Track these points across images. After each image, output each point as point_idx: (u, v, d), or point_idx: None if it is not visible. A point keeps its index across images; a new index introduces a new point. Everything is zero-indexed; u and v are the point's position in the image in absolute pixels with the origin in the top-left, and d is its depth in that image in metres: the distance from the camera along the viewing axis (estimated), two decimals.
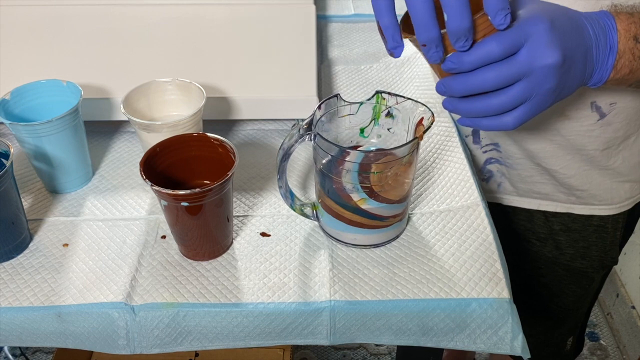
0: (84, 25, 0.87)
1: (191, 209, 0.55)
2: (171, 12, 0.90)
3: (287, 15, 0.90)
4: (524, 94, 0.47)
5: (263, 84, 0.76)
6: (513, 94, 0.47)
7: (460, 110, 0.50)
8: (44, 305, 0.56)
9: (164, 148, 0.58)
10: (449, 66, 0.48)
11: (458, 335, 0.57)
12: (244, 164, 0.72)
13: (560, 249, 0.81)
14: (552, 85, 0.47)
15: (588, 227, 0.78)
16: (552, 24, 0.46)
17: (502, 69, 0.46)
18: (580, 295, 0.88)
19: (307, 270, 0.59)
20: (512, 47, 0.46)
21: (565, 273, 0.83)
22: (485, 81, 0.46)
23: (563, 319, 0.92)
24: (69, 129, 0.64)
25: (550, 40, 0.46)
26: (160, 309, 0.56)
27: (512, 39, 0.45)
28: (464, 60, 0.46)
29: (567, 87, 0.49)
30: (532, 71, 0.46)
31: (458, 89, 0.48)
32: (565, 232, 0.79)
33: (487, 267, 0.59)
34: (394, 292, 0.57)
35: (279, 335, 0.57)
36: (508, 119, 0.49)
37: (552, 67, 0.46)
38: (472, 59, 0.46)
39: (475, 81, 0.47)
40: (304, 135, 0.56)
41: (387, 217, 0.59)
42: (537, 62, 0.46)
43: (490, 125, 0.50)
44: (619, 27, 0.50)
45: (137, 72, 0.76)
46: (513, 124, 0.49)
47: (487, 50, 0.45)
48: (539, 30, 0.46)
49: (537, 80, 0.46)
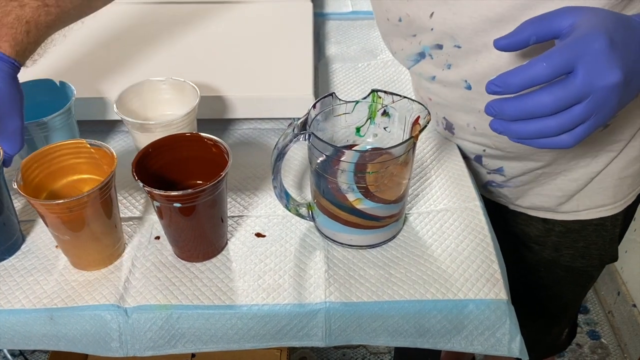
0: (77, 23, 0.86)
1: (184, 210, 0.54)
2: (165, 10, 0.90)
3: (283, 12, 0.90)
4: (585, 116, 0.44)
5: (259, 83, 0.76)
6: (573, 116, 0.44)
7: (513, 132, 0.46)
8: (36, 307, 0.55)
9: (156, 148, 0.58)
10: (493, 90, 0.45)
11: (455, 337, 0.57)
12: (239, 163, 0.72)
13: (559, 250, 0.80)
14: (614, 104, 0.44)
15: (587, 226, 0.77)
16: (611, 40, 0.43)
17: (559, 93, 0.43)
18: (579, 293, 0.88)
19: (302, 271, 0.59)
20: (562, 66, 0.43)
21: (565, 274, 0.83)
22: (543, 106, 0.43)
23: (563, 315, 0.92)
24: (62, 128, 0.64)
25: (609, 59, 0.43)
26: (154, 311, 0.55)
27: (563, 58, 0.43)
28: (509, 83, 0.44)
29: (627, 98, 0.46)
30: (592, 92, 0.43)
31: (512, 113, 0.45)
32: (565, 234, 0.78)
33: (485, 268, 0.58)
34: (390, 293, 0.56)
35: (274, 337, 0.57)
36: (567, 138, 0.45)
37: (615, 86, 0.43)
38: (519, 82, 0.43)
39: (532, 105, 0.44)
40: (299, 135, 0.55)
41: (383, 218, 0.59)
42: (597, 84, 0.43)
43: (546, 144, 0.47)
44: None
45: (131, 71, 0.76)
46: (571, 143, 0.46)
47: (535, 72, 0.43)
48: (595, 50, 0.42)
49: (598, 101, 0.43)
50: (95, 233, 0.56)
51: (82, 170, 0.59)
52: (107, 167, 0.57)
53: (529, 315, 0.89)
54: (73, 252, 0.58)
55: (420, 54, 0.67)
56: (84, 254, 0.58)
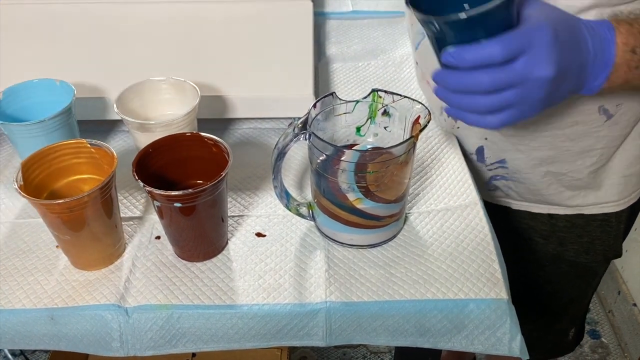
0: (77, 23, 0.87)
1: (184, 210, 0.54)
2: (165, 10, 0.89)
3: (283, 11, 0.89)
4: (512, 101, 0.48)
5: (259, 82, 0.76)
6: (502, 99, 0.47)
7: (450, 101, 0.51)
8: (37, 307, 0.55)
9: (157, 148, 0.58)
10: (448, 60, 0.48)
11: (455, 336, 0.57)
12: (239, 163, 0.72)
13: (564, 244, 0.80)
14: (541, 96, 0.48)
15: (592, 222, 0.77)
16: (555, 35, 0.46)
17: (498, 75, 0.46)
18: (583, 289, 0.88)
19: (302, 271, 0.59)
20: (513, 52, 0.46)
21: (569, 268, 0.83)
22: (480, 84, 0.47)
23: (566, 312, 0.92)
24: (62, 128, 0.64)
25: (549, 53, 0.46)
26: (154, 310, 0.55)
27: (516, 45, 0.45)
28: (464, 58, 0.46)
29: (557, 97, 0.50)
30: (525, 81, 0.46)
31: (452, 84, 0.49)
32: (569, 229, 0.79)
33: (485, 267, 0.58)
34: (390, 292, 0.56)
35: (275, 336, 0.57)
36: (493, 119, 0.49)
37: (545, 80, 0.46)
38: (473, 59, 0.46)
39: (470, 82, 0.47)
40: (299, 135, 0.55)
41: (383, 217, 0.59)
42: (532, 74, 0.46)
43: (474, 121, 0.51)
44: (617, 40, 0.50)
45: (131, 71, 0.75)
46: (496, 125, 0.50)
47: (490, 53, 0.45)
48: (541, 41, 0.46)
49: (528, 90, 0.47)
50: (95, 233, 0.56)
51: (82, 170, 0.59)
52: (108, 167, 0.57)
53: (530, 314, 0.89)
54: (73, 252, 0.58)
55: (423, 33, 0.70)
56: (85, 253, 0.58)
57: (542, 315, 0.92)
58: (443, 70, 0.50)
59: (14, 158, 0.72)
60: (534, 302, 0.89)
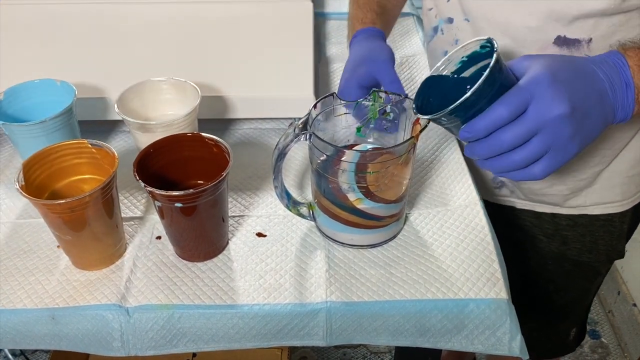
0: (78, 24, 0.87)
1: (185, 210, 0.54)
2: (166, 10, 0.90)
3: (284, 12, 0.90)
4: (542, 146, 0.48)
5: (259, 83, 0.76)
6: (531, 148, 0.48)
7: (490, 168, 0.52)
8: (38, 307, 0.56)
9: (157, 148, 0.58)
10: (465, 137, 0.50)
11: (456, 336, 0.57)
12: (240, 163, 0.72)
13: (567, 243, 0.81)
14: (569, 134, 0.48)
15: (595, 221, 0.78)
16: (553, 77, 0.48)
17: (516, 129, 0.48)
18: (585, 289, 0.88)
19: (303, 271, 0.59)
20: (519, 107, 0.47)
21: (572, 267, 0.83)
22: (504, 142, 0.48)
23: (568, 311, 0.92)
24: (63, 129, 0.64)
25: (555, 92, 0.47)
26: (155, 310, 0.55)
27: (518, 100, 0.47)
28: (477, 128, 0.48)
29: (588, 130, 0.50)
30: (544, 124, 0.47)
31: (482, 153, 0.50)
32: (573, 228, 0.79)
33: (485, 267, 0.58)
34: (391, 292, 0.56)
35: (275, 336, 0.57)
36: (535, 170, 0.50)
37: (563, 116, 0.47)
38: (485, 126, 0.48)
39: (494, 143, 0.49)
40: (299, 135, 0.56)
41: (383, 217, 0.59)
42: (546, 115, 0.47)
43: (520, 176, 0.51)
44: (630, 63, 0.51)
45: (132, 71, 0.76)
46: (541, 175, 0.50)
47: (496, 115, 0.47)
48: (541, 87, 0.47)
49: (552, 132, 0.48)
50: (96, 233, 0.56)
51: (83, 170, 0.59)
52: (109, 167, 0.57)
53: (532, 313, 0.89)
54: (74, 252, 0.58)
55: (434, 29, 0.75)
56: (86, 253, 0.58)
57: (544, 314, 0.92)
58: (469, 144, 0.51)
59: (15, 158, 0.72)
60: (536, 301, 0.89)
